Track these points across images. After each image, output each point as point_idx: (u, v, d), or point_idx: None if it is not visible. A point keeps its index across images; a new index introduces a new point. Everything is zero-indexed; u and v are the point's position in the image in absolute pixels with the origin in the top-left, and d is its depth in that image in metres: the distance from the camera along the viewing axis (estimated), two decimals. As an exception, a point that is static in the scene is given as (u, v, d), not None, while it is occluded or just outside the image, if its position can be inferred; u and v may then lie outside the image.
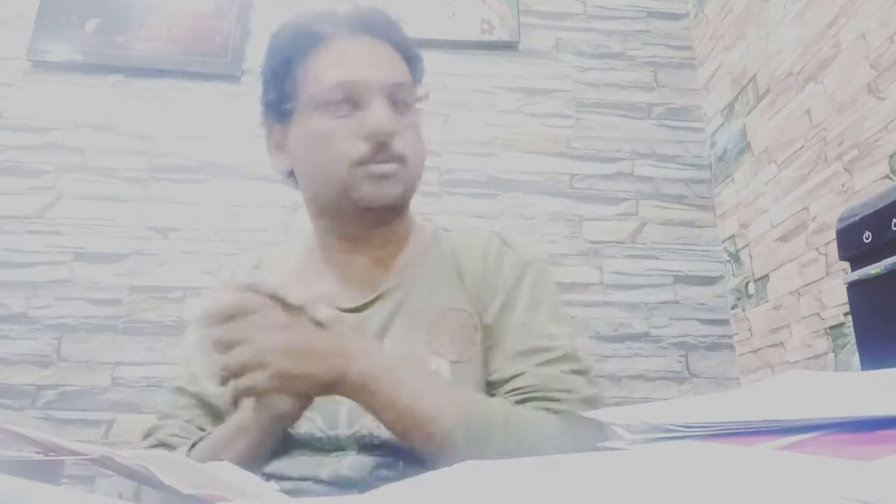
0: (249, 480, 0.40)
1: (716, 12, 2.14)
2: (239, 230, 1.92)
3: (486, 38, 2.14)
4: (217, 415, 0.70)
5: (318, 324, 0.56)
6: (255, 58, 2.09)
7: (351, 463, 0.64)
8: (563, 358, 0.68)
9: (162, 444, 0.67)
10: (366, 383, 0.56)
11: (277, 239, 1.89)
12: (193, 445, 0.64)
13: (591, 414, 0.41)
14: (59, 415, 1.71)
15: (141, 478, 0.34)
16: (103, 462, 0.34)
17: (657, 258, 2.03)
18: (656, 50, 2.26)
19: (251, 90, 2.05)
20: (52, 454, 0.36)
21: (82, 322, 1.78)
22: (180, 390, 0.72)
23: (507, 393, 0.66)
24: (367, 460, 0.64)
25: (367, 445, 0.65)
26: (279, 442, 0.63)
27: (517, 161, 2.08)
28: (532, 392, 0.65)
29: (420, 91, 0.76)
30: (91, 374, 1.75)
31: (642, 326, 1.95)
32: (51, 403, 1.71)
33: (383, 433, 0.64)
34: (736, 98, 2.00)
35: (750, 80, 1.92)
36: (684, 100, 2.21)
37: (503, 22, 2.18)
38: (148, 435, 0.69)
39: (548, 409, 0.63)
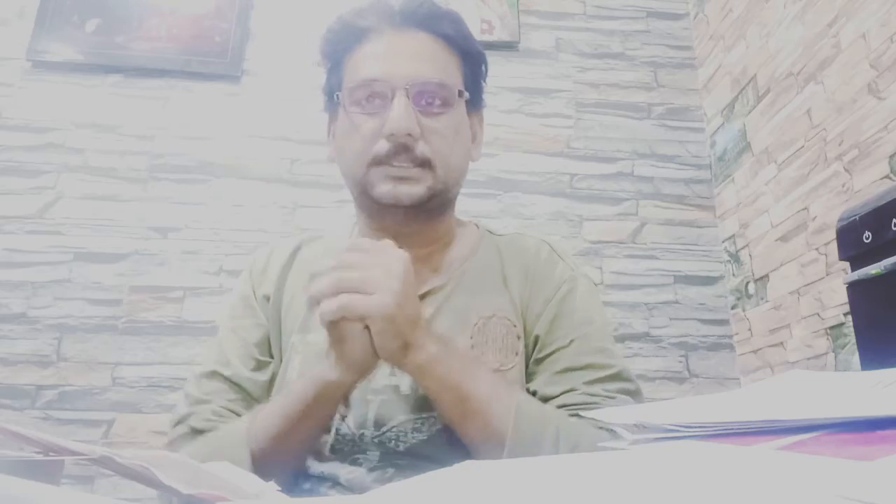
0: (249, 480, 0.40)
1: (716, 12, 2.14)
2: (239, 230, 1.92)
3: (486, 38, 2.14)
4: (249, 399, 0.69)
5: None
6: (255, 58, 2.09)
7: (371, 469, 0.64)
8: (615, 377, 0.67)
9: (197, 431, 0.66)
10: (431, 363, 0.57)
11: (277, 239, 1.89)
12: (253, 420, 0.62)
13: (591, 414, 0.41)
14: (59, 415, 1.71)
15: (141, 478, 0.34)
16: (103, 462, 0.34)
17: (657, 258, 2.03)
18: (656, 50, 2.26)
19: (251, 90, 2.07)
20: (52, 454, 0.36)
21: (82, 322, 1.78)
22: (213, 374, 0.70)
23: (557, 408, 0.65)
24: (388, 468, 0.64)
25: (389, 452, 0.64)
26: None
27: (517, 161, 2.08)
28: (582, 408, 0.63)
29: (464, 89, 0.72)
30: (91, 374, 1.74)
31: (642, 326, 1.95)
32: (51, 403, 1.71)
33: (409, 440, 0.64)
34: (736, 98, 2.00)
35: (750, 81, 1.92)
36: (684, 100, 2.21)
37: (503, 22, 2.18)
38: (179, 422, 0.67)
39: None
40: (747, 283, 1.90)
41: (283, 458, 0.62)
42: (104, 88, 2.00)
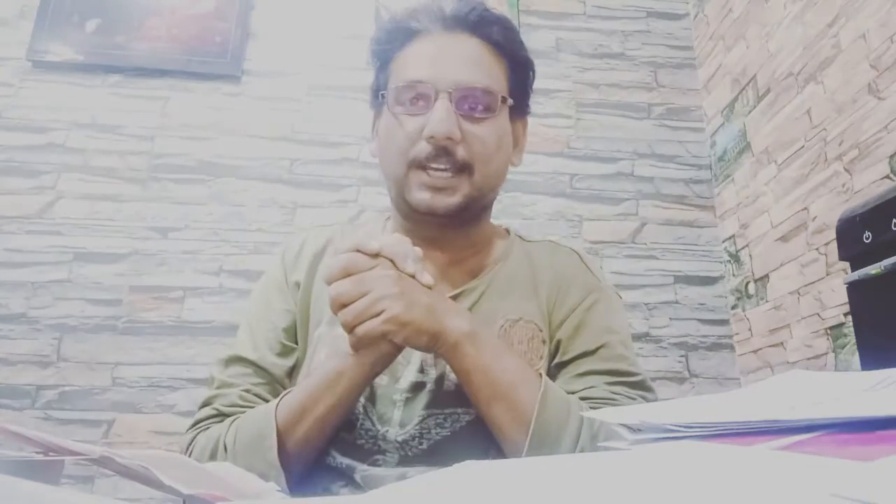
0: (249, 481, 0.40)
1: (716, 12, 2.14)
2: (239, 230, 1.92)
3: (486, 38, 2.14)
4: (274, 383, 0.70)
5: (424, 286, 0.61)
6: (256, 58, 2.09)
7: (387, 468, 0.64)
8: (637, 384, 0.68)
9: (223, 414, 0.67)
10: (462, 343, 0.59)
11: (277, 239, 1.89)
12: (281, 399, 0.63)
13: (591, 414, 0.42)
14: (59, 415, 1.71)
15: (141, 478, 0.34)
16: (103, 462, 0.34)
17: (657, 258, 2.03)
18: (656, 50, 2.26)
19: (251, 90, 2.06)
20: (52, 454, 0.36)
21: (82, 322, 1.78)
22: (237, 359, 0.71)
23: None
24: (403, 470, 0.64)
25: (409, 455, 0.65)
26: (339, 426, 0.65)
27: (517, 161, 2.07)
28: (602, 402, 0.64)
29: (509, 96, 0.73)
30: (91, 374, 1.74)
31: (642, 326, 1.95)
32: (51, 403, 1.71)
33: (432, 436, 0.65)
34: (736, 98, 2.00)
35: (750, 81, 1.92)
36: (684, 100, 2.21)
37: (503, 22, 2.18)
38: (205, 404, 0.69)
39: None
40: (747, 283, 1.90)
41: (307, 437, 0.62)
42: (104, 88, 2.00)
